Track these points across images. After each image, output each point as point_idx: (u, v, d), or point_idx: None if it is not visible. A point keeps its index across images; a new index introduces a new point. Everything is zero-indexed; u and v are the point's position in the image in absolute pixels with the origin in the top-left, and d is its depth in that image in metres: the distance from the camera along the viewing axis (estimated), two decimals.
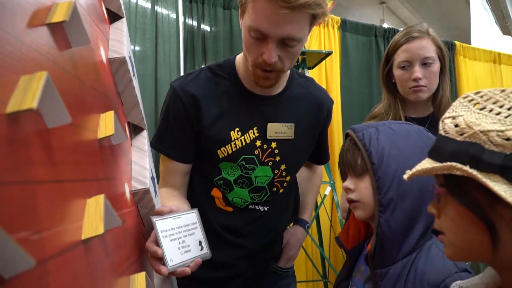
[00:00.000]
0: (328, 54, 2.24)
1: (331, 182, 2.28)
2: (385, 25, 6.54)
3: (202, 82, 1.05)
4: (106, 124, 0.59)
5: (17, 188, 0.33)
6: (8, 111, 0.33)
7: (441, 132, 0.56)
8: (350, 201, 0.87)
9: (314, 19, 0.91)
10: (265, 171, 1.06)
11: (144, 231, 0.80)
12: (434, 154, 0.56)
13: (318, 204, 2.28)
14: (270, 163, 1.06)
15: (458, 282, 0.63)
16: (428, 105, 1.26)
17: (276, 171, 1.08)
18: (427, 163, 0.56)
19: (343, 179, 0.91)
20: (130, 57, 0.80)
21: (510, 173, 0.47)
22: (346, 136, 0.93)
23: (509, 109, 0.51)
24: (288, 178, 1.11)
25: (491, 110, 0.52)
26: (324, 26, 2.92)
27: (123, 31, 0.82)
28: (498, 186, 0.47)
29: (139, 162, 0.78)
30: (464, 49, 3.78)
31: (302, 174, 1.29)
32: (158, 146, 1.05)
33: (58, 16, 0.46)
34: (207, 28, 2.75)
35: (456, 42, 3.71)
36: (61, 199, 0.41)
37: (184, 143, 1.05)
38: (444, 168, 0.52)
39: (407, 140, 0.83)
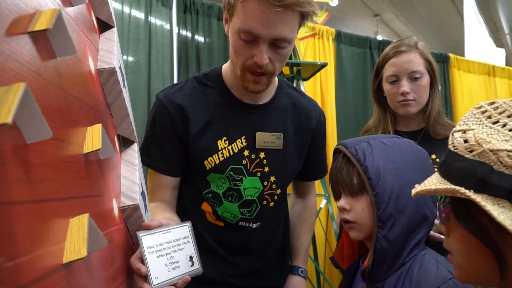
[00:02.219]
0: (323, 66, 2.24)
1: (326, 195, 2.25)
2: (379, 37, 6.60)
3: (189, 92, 1.03)
4: (92, 138, 0.56)
5: None
6: None
7: (450, 146, 0.52)
8: (345, 221, 0.84)
9: (303, 19, 0.90)
10: (254, 182, 1.03)
11: (134, 248, 0.77)
12: (443, 170, 0.53)
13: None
14: (259, 174, 1.04)
15: None
16: (419, 118, 1.25)
17: (265, 183, 1.05)
18: (435, 179, 0.53)
19: (336, 197, 0.88)
20: (120, 68, 0.78)
21: None
22: (335, 152, 0.90)
23: None
24: (278, 191, 1.08)
25: (504, 125, 0.47)
26: (319, 38, 2.92)
27: (113, 41, 0.79)
28: (505, 214, 0.43)
29: (129, 177, 0.75)
30: (458, 62, 3.80)
31: (293, 209, 1.25)
32: (145, 160, 1.02)
33: (41, 24, 0.44)
34: (201, 39, 2.74)
35: (450, 54, 3.74)
36: (41, 220, 0.38)
37: (172, 156, 1.02)
38: (448, 191, 0.49)
39: (400, 154, 0.82)
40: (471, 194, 0.46)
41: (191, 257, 0.77)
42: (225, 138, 1.01)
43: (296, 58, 2.34)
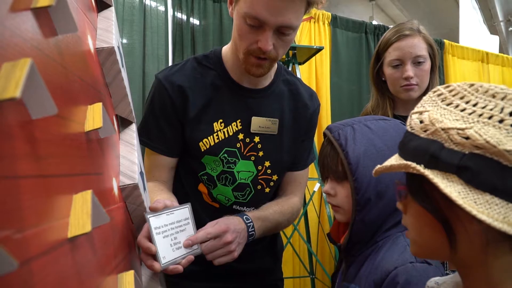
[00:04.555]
0: (319, 49, 2.23)
1: (320, 178, 2.28)
2: (374, 22, 6.57)
3: (188, 73, 1.03)
4: (93, 117, 0.56)
5: None
6: None
7: (408, 127, 0.55)
8: (332, 205, 0.88)
9: (309, 6, 0.91)
10: (247, 166, 1.04)
11: (133, 227, 0.78)
12: (400, 149, 0.55)
13: (307, 200, 2.28)
14: (253, 158, 1.04)
15: (435, 278, 0.64)
16: (418, 103, 1.26)
17: (259, 167, 1.06)
18: (393, 158, 0.56)
19: (324, 181, 0.91)
20: (118, 47, 0.78)
21: (467, 173, 0.46)
22: (324, 136, 0.92)
23: (474, 105, 0.49)
24: (274, 177, 1.09)
25: (457, 106, 0.50)
26: (314, 22, 2.91)
27: (111, 20, 0.79)
28: (452, 187, 0.46)
29: (128, 157, 0.75)
30: (453, 48, 3.82)
31: (276, 198, 1.14)
32: (143, 140, 1.02)
33: (44, 0, 0.43)
34: (196, 21, 2.71)
35: (445, 40, 3.75)
36: (45, 195, 0.39)
37: (170, 136, 1.03)
38: (401, 167, 0.52)
39: (384, 138, 0.83)
40: (421, 168, 0.49)
41: None
42: (221, 120, 1.02)
43: (297, 32, 2.33)
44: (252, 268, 1.10)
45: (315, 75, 2.88)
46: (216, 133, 1.01)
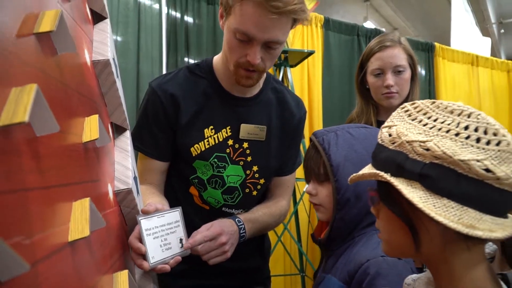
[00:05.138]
0: (310, 53, 2.28)
1: None
2: (369, 23, 6.62)
3: (181, 82, 1.08)
4: (90, 128, 0.60)
5: (9, 197, 0.35)
6: (0, 124, 0.35)
7: (378, 140, 0.60)
8: (313, 204, 0.95)
9: (294, 23, 0.97)
10: (236, 170, 1.09)
11: (127, 229, 0.82)
12: (373, 159, 0.61)
13: (297, 200, 2.33)
14: (241, 163, 1.10)
15: (412, 276, 0.69)
16: None
17: (248, 172, 1.11)
18: (366, 168, 0.61)
19: (307, 181, 0.98)
20: (114, 59, 0.82)
21: (427, 181, 0.52)
22: (310, 141, 0.98)
23: (435, 120, 0.54)
24: (261, 181, 1.14)
25: (420, 121, 0.56)
26: (307, 25, 2.95)
27: (107, 32, 0.83)
28: (415, 193, 0.52)
29: (122, 163, 0.80)
30: (443, 51, 3.88)
31: (264, 201, 1.19)
32: (136, 145, 1.06)
33: (45, 25, 0.48)
34: (190, 20, 2.74)
35: (436, 43, 3.81)
36: (49, 204, 0.43)
37: (162, 142, 1.07)
38: (371, 175, 0.58)
39: (364, 143, 0.90)
40: (387, 176, 0.55)
41: (181, 240, 0.84)
42: (211, 127, 1.07)
43: (284, 45, 2.37)
44: (241, 267, 1.15)
45: (307, 77, 2.93)
46: (207, 139, 1.06)
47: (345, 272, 0.83)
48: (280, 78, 2.31)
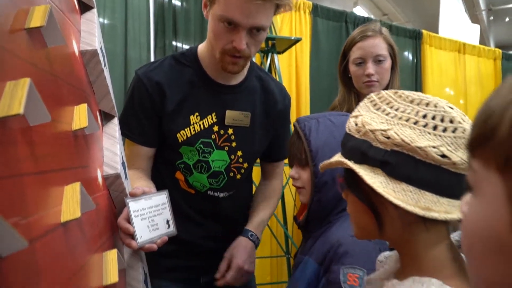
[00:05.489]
0: (297, 40, 2.31)
1: None
2: (359, 8, 6.61)
3: (166, 70, 1.11)
4: (80, 117, 0.64)
5: (8, 181, 0.38)
6: None
7: (346, 129, 0.63)
8: (296, 187, 1.00)
9: (278, 9, 1.01)
10: (221, 155, 1.14)
11: (115, 211, 0.87)
12: (342, 148, 0.64)
13: (284, 184, 2.38)
14: (226, 148, 1.14)
15: (385, 253, 0.73)
16: None
17: (232, 156, 1.15)
18: (336, 157, 0.65)
19: (291, 166, 1.03)
20: (101, 48, 0.85)
21: (388, 167, 0.55)
22: (294, 127, 1.03)
23: (396, 109, 0.57)
24: (245, 165, 1.19)
25: (383, 111, 0.58)
26: (295, 11, 2.96)
27: (94, 22, 0.85)
28: (376, 179, 0.55)
29: (111, 148, 0.83)
30: (430, 38, 3.92)
31: (258, 188, 1.34)
32: (124, 132, 1.09)
33: (36, 21, 0.51)
34: (178, 3, 2.73)
35: (423, 31, 3.84)
36: (43, 188, 0.47)
37: (148, 128, 1.11)
38: (337, 163, 0.62)
39: (343, 131, 0.94)
40: (350, 163, 0.58)
41: (167, 221, 0.88)
42: (197, 114, 1.10)
43: (272, 32, 2.39)
44: (225, 247, 1.21)
45: (295, 63, 2.95)
46: (192, 126, 1.10)
47: (320, 253, 0.88)
48: (267, 65, 2.34)
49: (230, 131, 1.14)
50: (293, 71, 2.91)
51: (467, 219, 0.36)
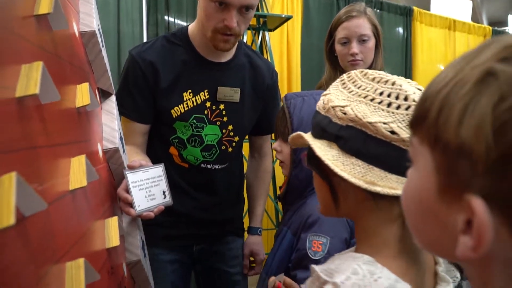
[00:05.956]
0: (288, 18, 2.34)
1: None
2: None
3: (159, 50, 1.17)
4: (82, 95, 0.69)
5: (28, 153, 0.44)
6: (17, 96, 0.44)
7: (316, 107, 0.64)
8: (279, 161, 1.06)
9: None
10: (213, 129, 1.21)
11: (114, 183, 0.93)
12: (311, 125, 0.65)
13: (274, 159, 2.46)
14: (218, 123, 1.21)
15: None
16: None
17: (224, 130, 1.22)
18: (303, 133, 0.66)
19: (276, 139, 1.09)
20: (99, 29, 0.89)
21: (341, 141, 0.56)
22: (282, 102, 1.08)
23: (359, 87, 0.58)
24: (236, 138, 1.26)
25: (348, 89, 0.60)
26: None
27: (91, 4, 0.89)
28: (329, 152, 0.56)
29: (109, 124, 0.89)
30: (421, 15, 3.95)
31: (250, 165, 1.43)
32: (119, 109, 1.15)
33: (44, 8, 0.55)
34: None
35: (414, 8, 3.87)
36: (54, 159, 0.53)
37: (143, 106, 1.17)
38: (297, 135, 0.64)
39: None
40: (306, 137, 0.60)
41: (163, 192, 0.95)
42: (190, 90, 1.16)
43: (263, 9, 2.42)
44: (217, 219, 1.29)
45: (287, 40, 2.98)
46: (185, 102, 1.16)
47: (295, 225, 0.96)
48: (259, 42, 2.37)
49: (222, 106, 1.20)
50: (284, 48, 2.95)
51: (406, 186, 0.40)
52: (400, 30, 3.83)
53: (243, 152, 1.42)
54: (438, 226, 0.35)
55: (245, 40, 2.39)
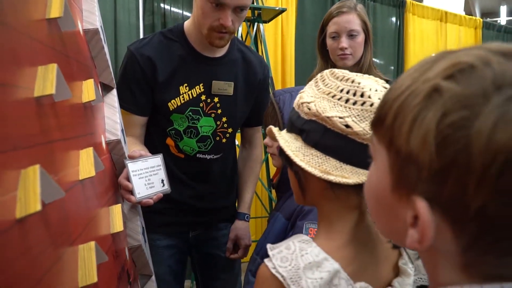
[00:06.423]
0: (282, 11, 2.37)
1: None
2: None
3: (156, 45, 1.22)
4: (88, 91, 0.74)
5: (46, 147, 0.50)
6: (35, 95, 0.49)
7: (294, 105, 0.68)
8: (270, 154, 1.11)
9: None
10: (208, 121, 1.27)
11: (117, 173, 0.98)
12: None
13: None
14: (213, 115, 1.27)
15: None
16: (354, 70, 1.48)
17: (218, 122, 1.28)
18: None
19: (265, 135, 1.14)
20: (101, 26, 0.93)
21: (304, 134, 0.61)
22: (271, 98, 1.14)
23: (326, 85, 0.62)
24: (229, 130, 1.32)
25: (318, 87, 0.64)
26: None
27: (94, 1, 0.93)
28: (293, 144, 0.61)
29: (111, 117, 0.94)
30: (414, 7, 4.00)
31: (241, 155, 1.49)
32: (119, 102, 1.20)
33: (54, 12, 0.60)
34: None
35: (407, 0, 3.91)
36: (66, 152, 0.58)
37: (141, 99, 1.22)
38: (268, 130, 0.69)
39: None
40: (274, 130, 0.65)
41: (162, 180, 1.01)
42: (186, 84, 1.22)
43: (258, 2, 2.45)
44: (212, 206, 1.35)
45: (281, 32, 3.02)
46: (182, 95, 1.21)
47: (288, 211, 1.02)
48: (253, 34, 2.41)
49: (216, 99, 1.25)
50: (279, 40, 2.98)
51: (367, 180, 0.44)
52: (393, 21, 3.88)
53: (236, 141, 1.48)
54: (393, 218, 0.38)
55: (240, 32, 2.43)
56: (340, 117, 0.58)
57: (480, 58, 0.32)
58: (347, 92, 0.60)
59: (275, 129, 0.67)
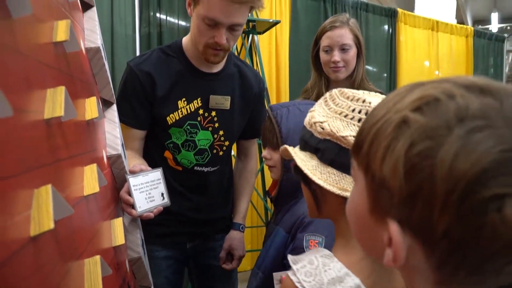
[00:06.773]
0: (276, 23, 2.42)
1: None
2: None
3: (155, 61, 1.25)
4: (91, 108, 0.77)
5: (54, 165, 0.52)
6: (45, 118, 0.52)
7: (304, 122, 0.72)
8: (269, 166, 1.14)
9: (251, 9, 1.18)
10: (206, 135, 1.30)
11: (117, 187, 1.01)
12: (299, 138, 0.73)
13: (263, 160, 2.55)
14: (210, 128, 1.30)
15: None
16: (346, 83, 1.53)
17: (215, 136, 1.31)
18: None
19: (264, 147, 1.17)
20: (102, 44, 0.96)
21: (319, 153, 0.65)
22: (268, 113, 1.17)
23: (337, 105, 0.66)
24: (226, 143, 1.35)
25: (328, 106, 0.67)
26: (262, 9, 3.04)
27: (95, 20, 0.96)
28: (309, 162, 0.65)
29: (112, 132, 0.96)
30: (405, 16, 4.07)
31: (236, 167, 1.52)
32: (118, 116, 1.23)
33: (61, 35, 0.63)
34: None
35: (398, 9, 3.98)
36: (71, 169, 0.61)
37: (140, 113, 1.25)
38: (283, 149, 0.72)
39: None
40: (290, 149, 0.68)
41: (162, 194, 1.03)
42: (184, 99, 1.25)
43: (252, 14, 2.49)
44: (210, 218, 1.38)
45: (275, 42, 3.06)
46: (180, 110, 1.24)
47: (288, 224, 1.04)
48: (248, 45, 2.45)
49: (213, 113, 1.29)
50: (273, 50, 3.03)
51: (349, 201, 0.46)
52: (385, 30, 3.95)
53: (232, 151, 1.51)
54: (372, 237, 0.41)
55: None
56: (354, 136, 0.59)
57: (445, 92, 0.34)
58: (359, 112, 0.63)
59: (290, 148, 0.69)
